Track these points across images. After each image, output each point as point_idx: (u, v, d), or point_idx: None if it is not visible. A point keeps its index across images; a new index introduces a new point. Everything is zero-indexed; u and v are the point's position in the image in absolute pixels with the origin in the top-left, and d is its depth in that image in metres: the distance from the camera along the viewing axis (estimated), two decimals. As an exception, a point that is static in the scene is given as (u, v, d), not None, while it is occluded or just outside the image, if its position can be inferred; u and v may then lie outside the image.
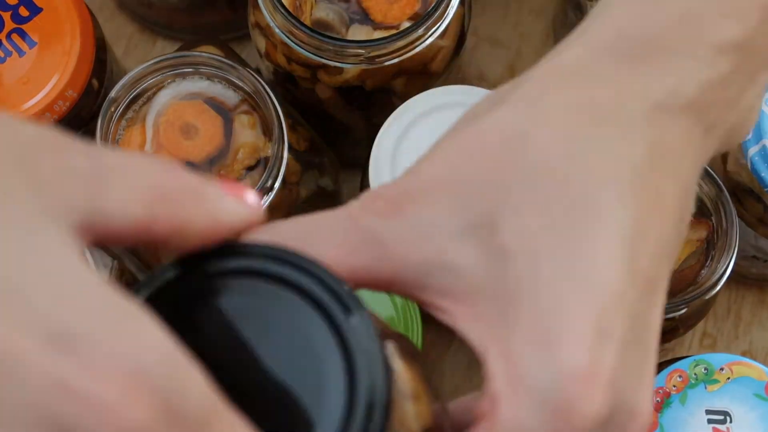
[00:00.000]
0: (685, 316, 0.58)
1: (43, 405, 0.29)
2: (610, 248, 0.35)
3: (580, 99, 0.37)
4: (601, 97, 0.37)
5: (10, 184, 0.31)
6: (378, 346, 0.33)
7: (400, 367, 0.36)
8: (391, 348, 0.36)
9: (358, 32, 0.57)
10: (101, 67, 0.61)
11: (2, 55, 0.58)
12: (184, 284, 0.34)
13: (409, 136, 0.56)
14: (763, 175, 0.59)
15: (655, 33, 0.38)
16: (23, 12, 0.58)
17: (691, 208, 0.39)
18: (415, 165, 0.38)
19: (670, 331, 0.60)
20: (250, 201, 0.35)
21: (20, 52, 0.58)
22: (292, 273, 0.34)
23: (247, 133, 0.57)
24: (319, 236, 0.37)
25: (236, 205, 0.35)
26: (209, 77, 0.58)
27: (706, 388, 0.55)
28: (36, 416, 0.29)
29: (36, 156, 0.32)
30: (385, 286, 0.37)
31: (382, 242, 0.36)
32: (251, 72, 0.57)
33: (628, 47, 0.38)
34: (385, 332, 0.37)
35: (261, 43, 0.59)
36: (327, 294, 0.34)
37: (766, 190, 0.59)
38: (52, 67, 0.58)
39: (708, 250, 0.59)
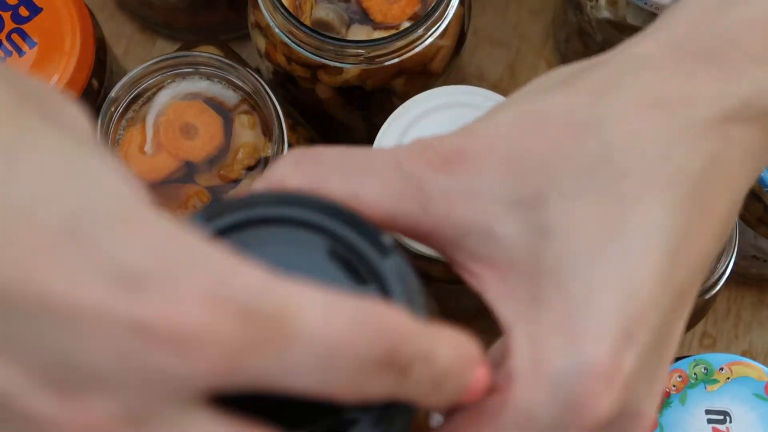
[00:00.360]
0: (684, 316, 0.58)
1: (125, 354, 0.28)
2: (652, 254, 0.35)
3: (652, 96, 0.37)
4: (674, 97, 0.37)
5: (43, 125, 0.30)
6: (417, 281, 0.33)
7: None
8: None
9: (358, 32, 0.57)
10: (101, 67, 0.61)
11: (2, 55, 0.58)
12: (215, 233, 0.34)
13: (409, 136, 0.56)
14: (762, 175, 0.59)
15: (731, 35, 0.37)
16: (23, 12, 0.58)
17: (734, 221, 0.39)
18: (473, 124, 0.38)
19: (670, 331, 0.60)
20: None
21: (20, 52, 0.58)
22: (323, 218, 0.34)
23: (247, 133, 0.57)
24: (365, 173, 0.37)
25: None
26: (209, 77, 0.58)
27: (705, 388, 0.55)
28: (119, 367, 0.28)
29: (50, 102, 0.32)
30: (422, 237, 0.37)
31: (428, 193, 0.36)
32: (251, 72, 0.57)
33: (704, 47, 0.37)
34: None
35: (261, 43, 0.59)
36: (359, 237, 0.34)
37: (765, 190, 0.59)
38: (52, 67, 0.58)
39: (708, 250, 0.59)
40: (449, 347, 0.32)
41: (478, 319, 0.69)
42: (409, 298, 0.33)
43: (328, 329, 0.29)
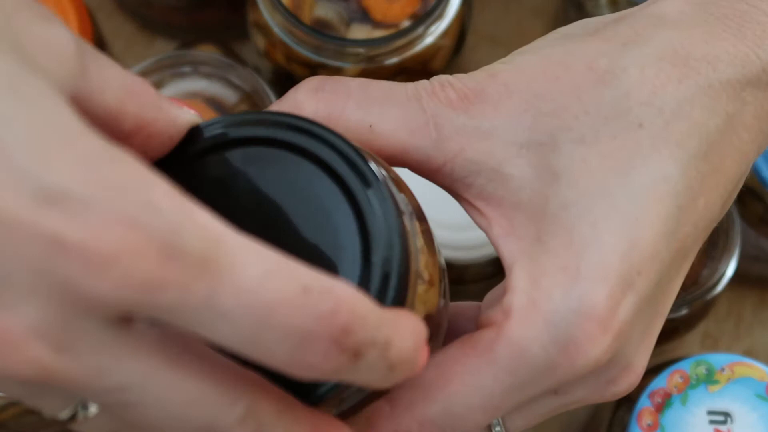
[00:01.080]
0: (686, 316, 0.58)
1: (40, 265, 0.27)
2: (659, 206, 0.35)
3: (674, 52, 0.37)
4: (696, 56, 0.37)
5: None
6: (396, 218, 0.33)
7: (421, 246, 0.36)
8: (416, 226, 0.36)
9: (358, 31, 0.57)
10: (100, 66, 0.61)
11: (0, 54, 0.57)
12: (199, 151, 0.34)
13: (409, 136, 0.56)
14: (764, 174, 0.59)
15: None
16: (21, 11, 0.58)
17: (740, 187, 0.39)
18: (495, 66, 0.38)
19: (671, 331, 0.60)
20: (194, 114, 0.35)
21: (18, 51, 0.58)
22: (313, 144, 0.34)
23: (246, 133, 0.57)
24: (382, 105, 0.37)
25: (188, 113, 0.35)
26: (208, 76, 0.57)
27: (707, 388, 0.54)
28: (34, 278, 0.28)
29: (21, 23, 0.31)
30: (430, 173, 0.38)
31: (442, 130, 0.37)
32: (250, 71, 0.57)
33: (728, 8, 0.38)
34: (417, 214, 0.37)
35: (260, 42, 0.59)
36: (347, 167, 0.33)
37: (767, 189, 0.59)
38: (50, 66, 0.57)
39: (709, 250, 0.59)
40: (406, 333, 0.31)
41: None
42: (388, 229, 0.33)
43: (267, 286, 0.28)
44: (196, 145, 0.34)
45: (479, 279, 0.59)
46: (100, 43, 0.61)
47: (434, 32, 0.56)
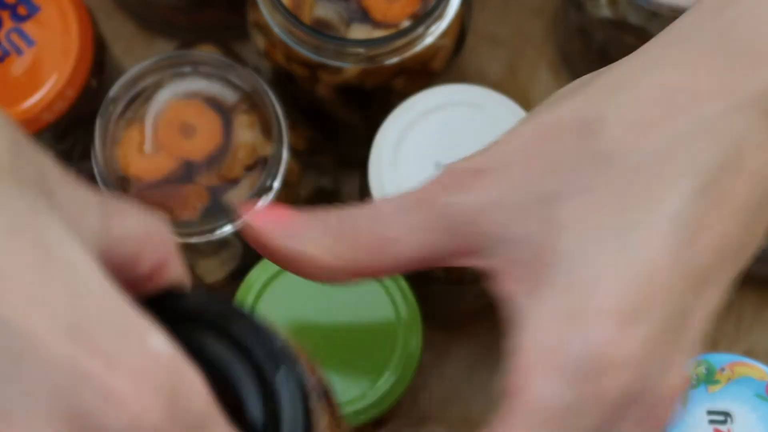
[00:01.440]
0: (686, 316, 0.58)
1: (63, 391, 0.30)
2: (663, 239, 0.36)
3: (661, 92, 0.38)
4: (683, 92, 0.38)
5: (30, 199, 0.32)
6: (302, 400, 0.34)
7: (326, 424, 0.37)
8: (323, 406, 0.37)
9: (358, 31, 0.57)
10: (100, 66, 0.61)
11: (0, 54, 0.58)
12: None
13: (409, 135, 0.56)
14: (764, 174, 0.59)
15: (736, 31, 0.38)
16: (22, 11, 0.58)
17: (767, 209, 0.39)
18: (491, 144, 0.39)
19: (671, 331, 0.60)
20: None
21: (19, 52, 0.58)
22: (227, 322, 0.35)
23: (246, 133, 0.57)
24: (398, 216, 0.39)
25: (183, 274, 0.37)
26: (208, 76, 0.57)
27: (707, 388, 0.54)
28: (54, 401, 0.30)
29: (52, 182, 0.33)
30: (448, 258, 0.39)
31: (449, 216, 0.38)
32: (250, 71, 0.57)
33: (711, 43, 0.38)
34: (325, 393, 0.38)
35: (260, 42, 0.59)
36: (260, 347, 0.35)
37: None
38: (50, 66, 0.57)
39: (709, 250, 0.59)
40: None
41: (479, 319, 0.69)
42: (294, 411, 0.34)
43: None
44: None
45: (479, 279, 0.59)
46: (100, 43, 0.61)
47: (434, 32, 0.56)
